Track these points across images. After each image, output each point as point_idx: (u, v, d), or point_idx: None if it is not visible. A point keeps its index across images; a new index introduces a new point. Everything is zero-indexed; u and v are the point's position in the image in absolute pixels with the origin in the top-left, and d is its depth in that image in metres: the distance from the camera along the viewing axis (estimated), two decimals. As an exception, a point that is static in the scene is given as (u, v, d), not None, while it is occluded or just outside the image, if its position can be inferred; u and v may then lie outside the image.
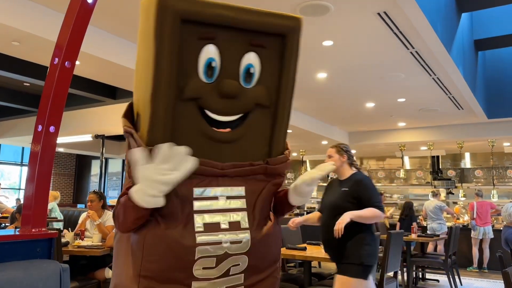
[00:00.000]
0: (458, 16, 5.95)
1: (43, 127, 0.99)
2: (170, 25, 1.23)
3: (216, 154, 1.35)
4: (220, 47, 1.33)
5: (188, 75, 1.30)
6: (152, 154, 1.23)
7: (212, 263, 1.29)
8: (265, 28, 1.37)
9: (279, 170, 1.46)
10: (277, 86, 1.42)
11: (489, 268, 8.11)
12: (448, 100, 7.21)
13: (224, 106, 1.34)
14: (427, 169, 11.85)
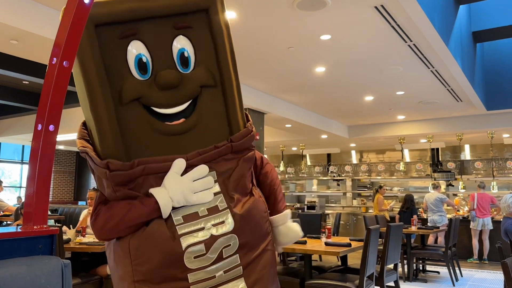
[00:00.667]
0: (455, 8, 5.94)
1: (43, 126, 1.01)
2: (85, 35, 1.18)
3: (177, 147, 1.33)
4: (145, 40, 1.29)
5: (122, 77, 1.26)
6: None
7: (202, 250, 1.29)
8: (183, 8, 1.31)
9: (246, 145, 1.43)
10: (216, 63, 1.37)
11: (489, 259, 8.16)
12: (447, 93, 7.21)
13: (169, 98, 1.31)
14: (427, 162, 11.87)
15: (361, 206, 12.48)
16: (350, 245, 4.08)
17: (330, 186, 13.66)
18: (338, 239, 4.73)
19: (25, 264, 0.89)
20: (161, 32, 1.30)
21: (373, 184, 13.04)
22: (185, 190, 1.27)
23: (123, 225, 1.28)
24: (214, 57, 1.37)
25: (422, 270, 7.08)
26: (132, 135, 1.29)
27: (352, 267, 4.41)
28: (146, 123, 1.30)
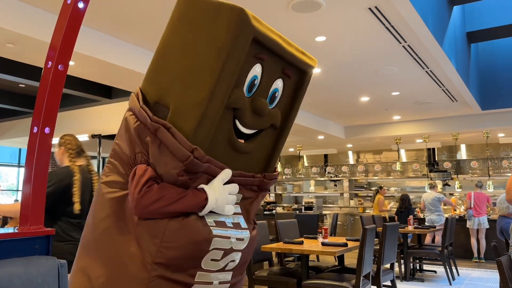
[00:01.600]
0: (449, 9, 5.98)
1: (39, 129, 1.03)
2: (245, 41, 1.33)
3: (229, 161, 1.46)
4: (264, 69, 1.47)
5: (237, 86, 1.40)
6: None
7: (219, 256, 1.39)
8: (296, 62, 1.54)
9: (269, 185, 1.61)
10: (288, 111, 1.60)
11: (486, 258, 8.20)
12: (442, 93, 7.25)
13: (253, 121, 1.47)
14: (423, 162, 11.92)
15: (358, 206, 12.51)
16: (346, 245, 4.11)
17: (327, 187, 13.68)
18: (335, 239, 4.76)
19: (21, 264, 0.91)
20: (274, 69, 1.50)
21: (370, 184, 13.08)
22: (224, 197, 1.40)
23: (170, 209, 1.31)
24: (289, 106, 1.60)
25: (419, 270, 7.12)
26: (214, 135, 1.40)
27: (349, 267, 4.44)
28: (226, 130, 1.43)
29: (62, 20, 1.07)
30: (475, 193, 8.34)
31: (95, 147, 10.81)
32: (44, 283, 0.90)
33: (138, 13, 4.18)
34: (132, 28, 4.54)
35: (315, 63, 1.63)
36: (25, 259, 0.92)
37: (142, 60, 5.09)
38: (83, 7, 1.07)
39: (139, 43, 4.96)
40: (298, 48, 1.55)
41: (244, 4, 1.41)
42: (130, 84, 5.83)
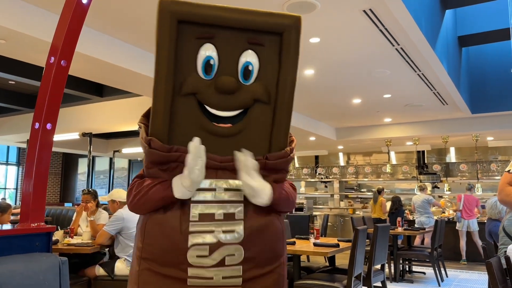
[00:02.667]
0: (442, 13, 6.04)
1: (40, 125, 1.02)
2: (167, 26, 1.32)
3: (217, 148, 1.41)
4: (218, 46, 1.39)
5: (187, 72, 1.38)
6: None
7: (205, 252, 1.34)
8: (261, 27, 1.42)
9: (279, 166, 1.48)
10: (276, 83, 1.46)
11: (475, 260, 8.27)
12: (433, 96, 7.32)
13: (222, 101, 1.40)
14: (413, 164, 12.01)
15: (348, 207, 12.57)
16: (338, 245, 4.13)
17: (317, 188, 13.73)
18: (326, 240, 4.77)
19: (23, 261, 0.90)
20: (234, 42, 1.41)
21: (360, 186, 13.15)
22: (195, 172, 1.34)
23: (141, 201, 1.39)
24: (275, 77, 1.45)
25: (409, 271, 7.17)
26: (180, 124, 1.40)
27: (340, 268, 4.46)
28: (195, 118, 1.40)
29: (66, 16, 1.06)
30: (465, 195, 8.40)
31: (85, 146, 10.73)
32: (45, 280, 0.89)
33: (130, 11, 4.15)
34: (124, 26, 4.51)
35: (292, 20, 1.44)
36: (26, 256, 0.91)
37: (134, 58, 5.06)
38: (87, 2, 1.07)
39: (132, 41, 4.93)
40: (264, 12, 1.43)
41: (240, 4, 1.41)
42: (121, 82, 5.79)
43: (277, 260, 1.47)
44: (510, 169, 1.83)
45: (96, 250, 4.03)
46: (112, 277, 3.93)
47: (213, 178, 1.40)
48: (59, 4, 3.97)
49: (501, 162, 10.68)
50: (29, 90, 9.10)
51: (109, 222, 4.06)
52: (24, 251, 0.98)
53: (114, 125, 8.92)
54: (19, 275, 0.86)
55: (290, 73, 1.47)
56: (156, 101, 1.36)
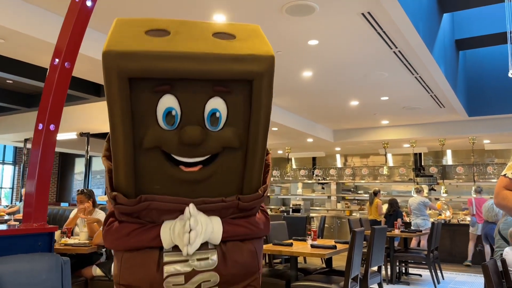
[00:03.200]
0: (439, 17, 6.08)
1: (44, 126, 1.02)
2: (116, 84, 1.20)
3: (189, 191, 1.35)
4: (179, 97, 1.28)
5: (147, 125, 1.28)
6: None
7: (181, 281, 1.34)
8: (228, 76, 1.28)
9: (252, 206, 1.44)
10: (247, 128, 1.36)
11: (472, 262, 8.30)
12: (430, 98, 7.35)
13: (189, 151, 1.32)
14: (409, 166, 12.05)
15: (345, 209, 12.59)
16: (335, 247, 4.14)
17: (314, 190, 13.75)
18: (323, 242, 4.79)
19: (27, 260, 0.91)
20: (197, 92, 1.29)
21: (357, 187, 13.18)
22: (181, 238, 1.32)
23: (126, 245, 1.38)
24: (247, 121, 1.35)
25: (405, 273, 7.19)
26: (146, 176, 1.33)
27: (337, 269, 4.47)
28: (161, 168, 1.32)
29: (70, 18, 1.07)
30: (476, 198, 8.32)
31: (82, 146, 10.71)
32: (48, 279, 0.90)
33: (128, 10, 4.16)
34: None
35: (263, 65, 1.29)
36: (30, 256, 0.92)
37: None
38: (91, 5, 1.08)
39: (132, 42, 4.93)
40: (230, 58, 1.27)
41: (239, 8, 1.42)
42: (121, 82, 5.79)
43: (253, 276, 1.49)
44: (506, 173, 1.84)
45: (93, 250, 4.03)
46: (109, 277, 3.93)
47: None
48: (59, 4, 3.99)
49: (497, 165, 10.73)
50: (26, 89, 9.08)
51: (107, 222, 4.05)
52: (27, 250, 0.99)
53: (112, 125, 8.89)
54: (23, 274, 0.87)
55: (263, 118, 1.35)
56: (116, 157, 1.28)
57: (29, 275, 0.88)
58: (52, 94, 1.06)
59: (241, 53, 1.26)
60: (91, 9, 1.12)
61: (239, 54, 1.26)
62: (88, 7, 1.09)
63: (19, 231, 1.01)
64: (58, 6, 4.05)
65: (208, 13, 4.10)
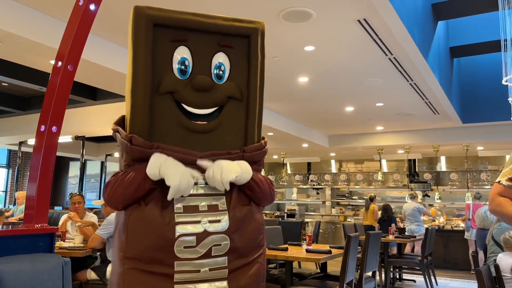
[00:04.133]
0: (434, 24, 6.14)
1: (46, 127, 1.04)
2: (144, 28, 1.43)
3: (196, 144, 1.48)
4: (191, 48, 1.50)
5: (164, 72, 1.47)
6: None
7: (192, 242, 1.37)
8: (230, 31, 1.55)
9: (256, 158, 1.57)
10: (246, 82, 1.58)
11: (465, 269, 8.33)
12: (424, 105, 7.41)
13: (198, 99, 1.49)
14: (404, 172, 12.10)
15: (339, 215, 12.61)
16: (330, 252, 4.15)
17: (309, 195, 13.77)
18: (318, 247, 4.80)
19: (28, 261, 0.92)
20: (206, 45, 1.52)
21: (351, 193, 13.21)
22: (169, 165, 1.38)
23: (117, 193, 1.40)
24: (246, 76, 1.58)
25: (399, 279, 7.21)
26: (159, 122, 1.46)
27: (332, 274, 4.48)
28: (173, 115, 1.47)
29: (73, 21, 1.08)
30: (474, 204, 8.36)
31: (76, 149, 10.67)
32: (49, 280, 0.91)
33: (125, 14, 4.17)
34: (118, 29, 4.53)
35: (257, 25, 1.62)
36: (31, 256, 0.93)
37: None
38: (95, 9, 1.09)
39: (125, 44, 4.93)
40: (232, 18, 1.58)
41: (236, 13, 1.48)
42: (115, 85, 5.79)
43: (259, 250, 1.54)
44: (500, 180, 1.87)
45: (87, 254, 4.02)
46: (104, 281, 3.92)
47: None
48: (55, 7, 4.00)
49: (490, 172, 10.81)
50: (22, 92, 9.05)
51: (102, 226, 4.05)
52: (28, 251, 1.00)
53: (107, 128, 8.82)
54: (25, 274, 0.88)
55: (259, 72, 1.60)
56: (135, 100, 1.43)
57: (31, 275, 0.88)
58: (54, 96, 1.07)
59: (240, 18, 1.59)
60: (95, 13, 1.13)
61: (238, 18, 1.59)
62: (91, 10, 1.11)
63: (20, 231, 1.02)
64: (55, 9, 4.06)
65: (205, 18, 4.12)
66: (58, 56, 1.12)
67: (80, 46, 1.10)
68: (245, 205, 1.53)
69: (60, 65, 1.11)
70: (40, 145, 1.03)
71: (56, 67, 1.14)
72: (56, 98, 1.07)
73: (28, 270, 0.88)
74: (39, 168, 1.02)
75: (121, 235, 1.40)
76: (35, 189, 1.02)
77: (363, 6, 3.89)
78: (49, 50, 4.27)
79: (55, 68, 1.13)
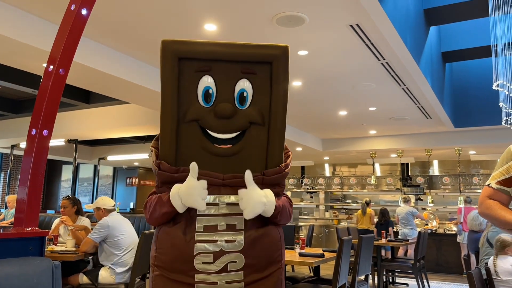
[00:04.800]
0: (426, 30, 6.20)
1: (37, 131, 1.04)
2: (170, 63, 1.54)
3: (219, 167, 1.58)
4: (215, 77, 1.59)
5: (190, 101, 1.58)
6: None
7: (209, 259, 1.50)
8: (252, 58, 1.61)
9: (275, 181, 1.64)
10: (269, 106, 1.64)
11: (458, 272, 8.37)
12: (417, 109, 7.46)
13: (222, 125, 1.58)
14: (397, 176, 12.16)
15: (333, 218, 12.64)
16: (323, 255, 4.16)
17: (303, 198, 13.79)
18: (312, 250, 4.81)
19: (18, 264, 0.92)
20: (229, 73, 1.60)
21: (345, 197, 13.25)
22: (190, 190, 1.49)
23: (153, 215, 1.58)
24: (268, 101, 1.64)
25: (392, 282, 7.23)
26: (185, 147, 1.59)
27: (325, 278, 4.49)
28: (198, 141, 1.59)
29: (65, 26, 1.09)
30: (466, 208, 8.44)
31: (69, 152, 10.62)
32: (39, 283, 0.91)
33: (119, 18, 4.18)
34: (111, 33, 4.53)
35: (280, 50, 1.63)
36: (21, 260, 0.93)
37: (121, 65, 5.08)
38: (86, 13, 1.10)
39: (120, 48, 4.95)
40: (254, 45, 1.62)
41: (231, 17, 1.49)
42: (108, 89, 5.79)
43: (276, 265, 1.63)
44: (490, 183, 1.89)
45: (80, 258, 4.00)
46: (96, 285, 3.90)
47: (216, 194, 1.56)
48: (47, 10, 3.99)
49: (482, 176, 10.89)
50: (14, 95, 9.01)
51: (94, 229, 4.04)
52: (18, 254, 1.00)
53: (101, 132, 8.87)
54: (15, 278, 0.88)
55: (281, 96, 1.64)
56: (163, 129, 1.56)
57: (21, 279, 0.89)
58: (46, 99, 1.08)
59: (263, 44, 1.64)
60: (87, 17, 1.14)
61: (261, 44, 1.64)
62: (83, 15, 1.12)
63: (10, 235, 1.02)
64: (47, 12, 4.05)
65: (199, 23, 4.13)
66: (49, 60, 1.12)
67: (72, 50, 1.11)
68: (262, 224, 1.61)
69: (51, 69, 1.12)
70: (31, 149, 1.04)
71: (47, 71, 1.15)
72: (47, 101, 1.08)
73: (17, 274, 0.89)
74: (30, 171, 1.03)
75: (153, 245, 1.59)
76: (25, 192, 1.03)
77: (355, 12, 3.92)
78: (42, 53, 4.26)
79: (47, 72, 1.14)
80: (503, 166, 1.85)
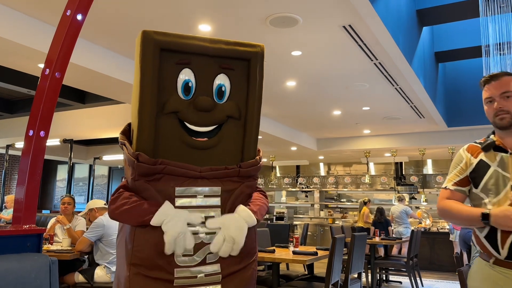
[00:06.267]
0: (419, 30, 6.26)
1: (34, 132, 1.08)
2: (151, 53, 1.53)
3: (196, 160, 1.59)
4: (195, 70, 1.61)
5: (169, 93, 1.58)
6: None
7: (190, 251, 1.51)
8: (231, 54, 1.66)
9: (251, 173, 1.68)
10: (245, 101, 1.69)
11: (450, 270, 8.46)
12: (410, 109, 7.53)
13: (200, 118, 1.60)
14: (391, 175, 12.24)
15: (328, 217, 12.71)
16: (316, 253, 4.22)
17: (298, 198, 13.85)
18: (305, 248, 4.86)
19: (16, 260, 0.95)
20: (209, 67, 1.64)
21: (340, 196, 13.32)
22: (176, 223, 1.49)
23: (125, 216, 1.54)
24: (245, 96, 1.70)
25: (385, 280, 7.30)
26: (163, 140, 1.58)
27: (318, 276, 4.55)
28: (176, 133, 1.60)
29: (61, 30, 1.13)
30: None
31: (64, 152, 10.62)
32: (37, 278, 0.95)
33: (113, 18, 4.21)
34: (106, 33, 4.56)
35: (257, 49, 1.71)
36: (18, 256, 0.97)
37: (116, 65, 5.10)
38: (82, 19, 1.14)
39: (114, 48, 4.97)
40: (234, 42, 1.67)
41: (224, 18, 1.53)
42: (103, 88, 5.81)
43: (251, 257, 1.67)
44: (447, 185, 1.95)
45: (75, 257, 4.03)
46: (92, 284, 3.93)
47: (194, 186, 1.58)
48: (42, 10, 4.02)
49: (475, 175, 10.96)
50: (9, 95, 9.01)
51: (89, 229, 4.07)
52: (16, 251, 1.04)
53: (96, 132, 8.89)
54: (13, 273, 0.91)
55: (257, 93, 1.71)
56: (141, 119, 1.54)
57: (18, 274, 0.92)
58: (43, 101, 1.12)
59: (242, 41, 1.69)
60: (82, 23, 1.18)
61: (240, 41, 1.69)
62: (78, 20, 1.16)
63: (8, 232, 1.06)
64: (43, 13, 4.08)
65: (193, 23, 4.17)
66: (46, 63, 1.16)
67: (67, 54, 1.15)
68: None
69: (48, 72, 1.16)
70: (28, 149, 1.08)
71: (44, 74, 1.18)
72: (44, 103, 1.11)
73: (17, 270, 0.92)
74: (27, 171, 1.07)
75: (128, 244, 1.54)
76: (23, 192, 1.07)
77: (348, 13, 3.98)
78: (37, 54, 4.28)
79: (43, 75, 1.18)
80: (457, 168, 1.94)
